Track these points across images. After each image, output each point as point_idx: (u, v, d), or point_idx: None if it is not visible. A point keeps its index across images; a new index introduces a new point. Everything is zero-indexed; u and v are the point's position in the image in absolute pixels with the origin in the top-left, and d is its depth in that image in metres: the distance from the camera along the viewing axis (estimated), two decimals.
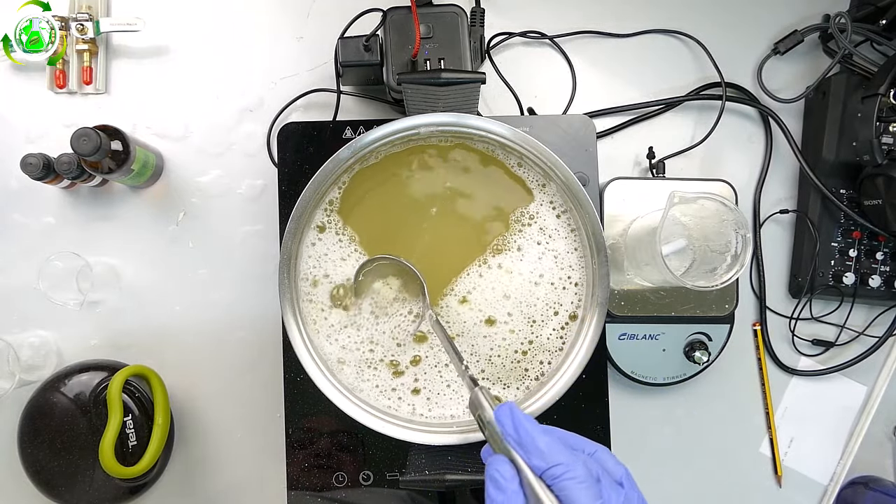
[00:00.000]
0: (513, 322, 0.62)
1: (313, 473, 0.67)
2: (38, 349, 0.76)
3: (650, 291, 0.73)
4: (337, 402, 0.59)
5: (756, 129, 0.81)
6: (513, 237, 0.63)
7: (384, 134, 0.60)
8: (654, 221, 0.67)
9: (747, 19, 0.81)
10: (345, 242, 0.63)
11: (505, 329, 0.62)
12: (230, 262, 0.78)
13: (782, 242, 0.81)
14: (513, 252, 0.63)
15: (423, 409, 0.62)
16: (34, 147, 0.75)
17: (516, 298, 0.62)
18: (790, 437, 0.80)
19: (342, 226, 0.63)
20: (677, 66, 0.81)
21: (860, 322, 0.79)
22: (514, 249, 0.63)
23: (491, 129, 0.60)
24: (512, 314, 0.62)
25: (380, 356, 0.62)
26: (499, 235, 0.63)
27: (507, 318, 0.62)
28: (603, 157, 0.71)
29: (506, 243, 0.63)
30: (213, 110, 0.79)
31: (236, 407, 0.77)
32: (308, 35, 0.80)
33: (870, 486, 0.77)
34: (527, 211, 0.63)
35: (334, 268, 0.62)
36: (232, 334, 0.77)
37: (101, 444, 0.68)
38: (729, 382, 0.79)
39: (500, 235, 0.63)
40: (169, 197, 0.78)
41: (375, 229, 0.63)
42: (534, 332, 0.62)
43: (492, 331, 0.62)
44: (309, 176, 0.59)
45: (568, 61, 0.80)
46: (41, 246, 0.76)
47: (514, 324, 0.62)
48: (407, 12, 0.69)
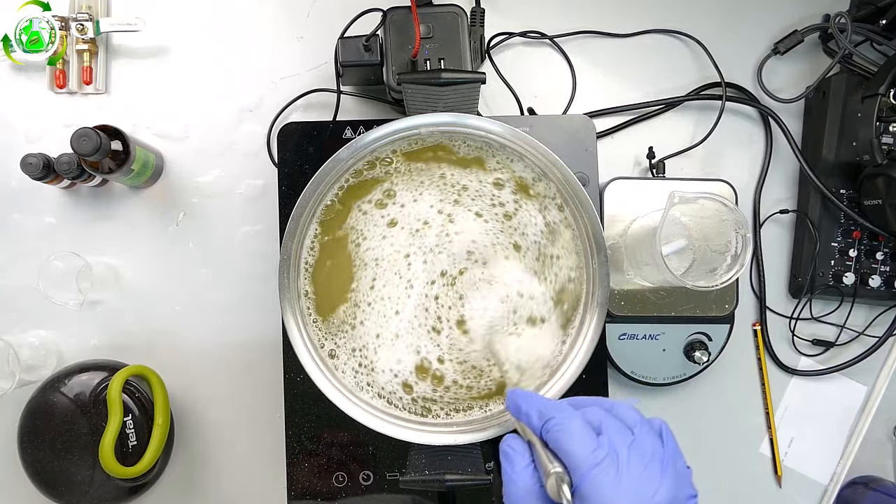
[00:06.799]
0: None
1: (313, 473, 0.67)
2: (38, 349, 0.76)
3: (650, 291, 0.73)
4: (337, 402, 0.59)
5: (756, 129, 0.81)
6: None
7: (384, 134, 0.60)
8: (654, 221, 0.67)
9: (747, 19, 0.81)
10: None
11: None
12: (230, 262, 0.78)
13: (782, 242, 0.81)
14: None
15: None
16: (34, 147, 0.75)
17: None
18: (790, 437, 0.80)
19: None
20: (677, 66, 0.81)
21: (860, 322, 0.79)
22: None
23: (491, 129, 0.60)
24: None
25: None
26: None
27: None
28: (603, 157, 0.71)
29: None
30: (213, 110, 0.79)
31: (236, 407, 0.77)
32: (308, 35, 0.80)
33: (870, 486, 0.77)
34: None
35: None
36: (232, 334, 0.77)
37: (101, 444, 0.68)
38: (729, 382, 0.79)
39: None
40: (169, 197, 0.78)
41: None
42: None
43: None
44: (309, 176, 0.59)
45: (568, 61, 0.80)
46: (41, 246, 0.76)
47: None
48: (407, 12, 0.69)
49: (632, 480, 0.41)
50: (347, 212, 0.62)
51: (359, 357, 0.61)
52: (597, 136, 0.71)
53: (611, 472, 0.41)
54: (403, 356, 0.61)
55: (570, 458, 0.42)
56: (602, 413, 0.45)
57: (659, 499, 0.41)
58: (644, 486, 0.41)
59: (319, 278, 0.62)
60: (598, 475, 0.41)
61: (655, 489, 0.41)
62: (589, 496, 0.41)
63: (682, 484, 0.43)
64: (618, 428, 0.44)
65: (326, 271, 0.62)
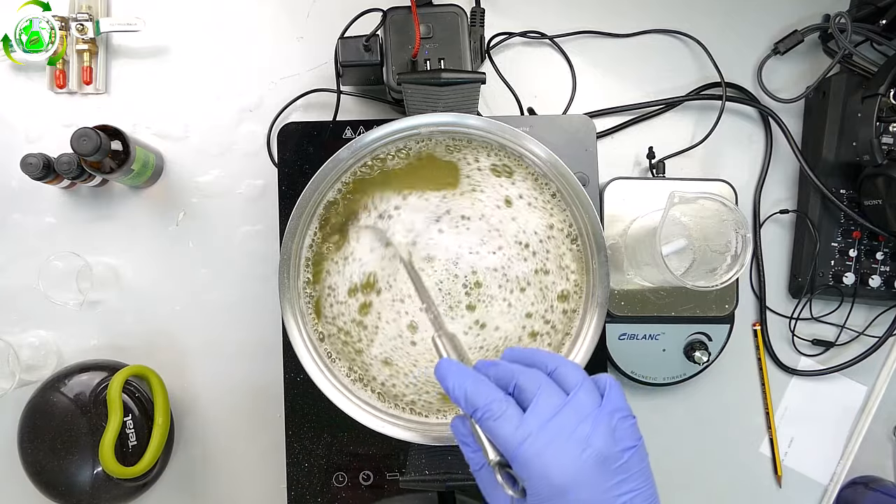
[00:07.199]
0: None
1: (313, 473, 0.67)
2: (38, 349, 0.76)
3: (650, 291, 0.73)
4: (337, 402, 0.59)
5: (756, 129, 0.81)
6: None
7: (384, 134, 0.60)
8: (654, 221, 0.67)
9: (747, 19, 0.81)
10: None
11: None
12: (230, 262, 0.78)
13: (782, 242, 0.81)
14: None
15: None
16: (34, 147, 0.75)
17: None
18: (790, 437, 0.80)
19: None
20: (677, 66, 0.81)
21: (860, 322, 0.79)
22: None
23: (491, 129, 0.60)
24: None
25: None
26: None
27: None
28: (603, 157, 0.71)
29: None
30: (213, 110, 0.79)
31: (236, 407, 0.77)
32: (308, 35, 0.80)
33: (870, 486, 0.77)
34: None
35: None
36: (232, 334, 0.77)
37: (101, 444, 0.68)
38: (729, 382, 0.79)
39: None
40: (169, 197, 0.78)
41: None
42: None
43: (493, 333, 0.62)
44: (309, 176, 0.59)
45: (568, 61, 0.80)
46: (41, 246, 0.76)
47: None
48: (407, 12, 0.69)
49: (558, 445, 0.42)
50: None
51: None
52: (597, 136, 0.71)
53: (536, 443, 0.42)
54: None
55: (500, 441, 0.44)
56: (540, 379, 0.45)
57: (588, 456, 0.42)
58: (572, 449, 0.42)
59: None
60: (526, 451, 0.42)
61: (583, 448, 0.42)
62: (522, 470, 0.43)
63: (618, 437, 0.43)
64: (549, 394, 0.44)
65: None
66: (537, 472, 0.42)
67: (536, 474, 0.42)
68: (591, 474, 0.42)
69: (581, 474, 0.42)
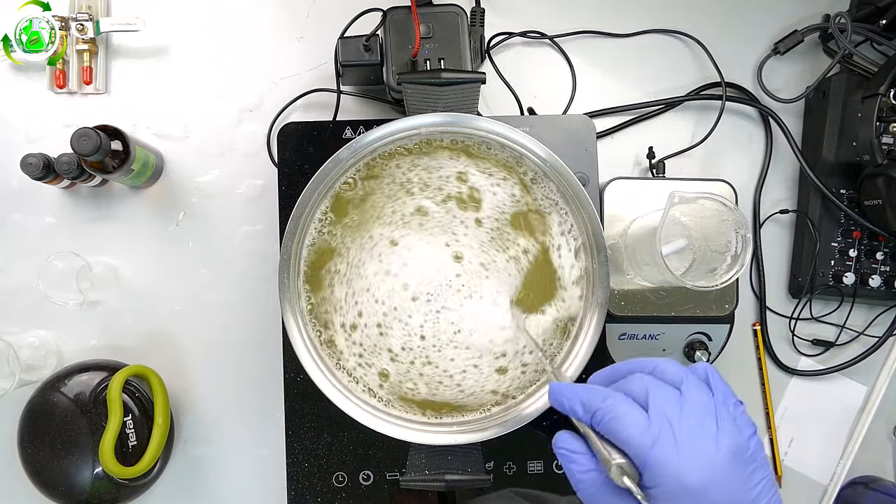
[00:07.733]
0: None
1: (313, 473, 0.67)
2: (38, 349, 0.76)
3: (650, 291, 0.73)
4: (337, 402, 0.59)
5: (756, 129, 0.81)
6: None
7: (384, 134, 0.60)
8: (654, 221, 0.67)
9: (747, 19, 0.81)
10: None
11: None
12: (230, 262, 0.78)
13: (782, 242, 0.81)
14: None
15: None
16: (34, 147, 0.75)
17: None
18: (790, 437, 0.80)
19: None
20: (677, 66, 0.81)
21: (860, 322, 0.79)
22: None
23: (491, 129, 0.60)
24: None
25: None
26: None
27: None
28: (603, 157, 0.71)
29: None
30: (213, 110, 0.79)
31: (236, 407, 0.77)
32: (308, 35, 0.80)
33: (870, 486, 0.77)
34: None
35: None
36: (232, 334, 0.77)
37: (101, 444, 0.68)
38: (729, 382, 0.79)
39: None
40: (169, 197, 0.78)
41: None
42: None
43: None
44: (309, 176, 0.59)
45: (568, 61, 0.80)
46: (41, 246, 0.76)
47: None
48: (407, 12, 0.69)
49: (692, 445, 0.41)
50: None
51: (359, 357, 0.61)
52: (597, 136, 0.71)
53: (669, 445, 0.41)
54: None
55: (627, 444, 0.42)
56: (646, 381, 0.44)
57: (724, 452, 0.41)
58: (706, 447, 0.41)
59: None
60: (658, 454, 0.41)
61: (717, 444, 0.41)
62: (656, 476, 0.41)
63: (740, 426, 0.42)
64: (665, 393, 0.43)
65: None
66: (672, 474, 0.40)
67: (671, 476, 0.40)
68: (727, 470, 0.41)
69: (719, 472, 0.41)
